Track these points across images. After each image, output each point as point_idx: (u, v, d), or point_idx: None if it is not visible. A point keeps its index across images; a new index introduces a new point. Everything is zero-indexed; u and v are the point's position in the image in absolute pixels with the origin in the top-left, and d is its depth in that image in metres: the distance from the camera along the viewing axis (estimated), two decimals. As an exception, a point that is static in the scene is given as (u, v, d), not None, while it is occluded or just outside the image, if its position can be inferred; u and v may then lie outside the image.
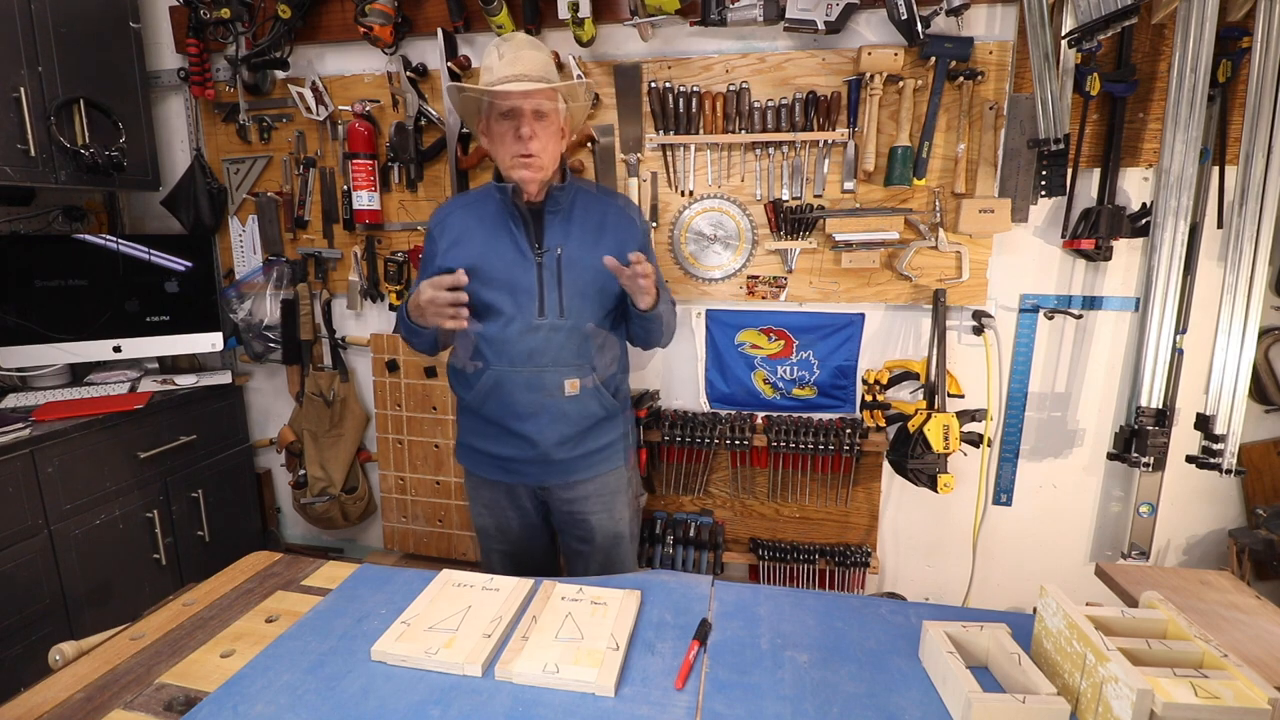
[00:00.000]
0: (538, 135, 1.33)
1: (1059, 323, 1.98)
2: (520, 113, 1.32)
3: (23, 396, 2.02)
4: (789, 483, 2.12)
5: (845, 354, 2.08)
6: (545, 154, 1.35)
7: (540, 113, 1.33)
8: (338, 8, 2.08)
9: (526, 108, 1.32)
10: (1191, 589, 1.16)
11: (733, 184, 2.02)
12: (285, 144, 2.25)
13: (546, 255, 1.40)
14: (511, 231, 1.41)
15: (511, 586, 1.12)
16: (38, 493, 1.75)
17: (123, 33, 2.11)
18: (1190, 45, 1.62)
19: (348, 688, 0.90)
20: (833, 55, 1.88)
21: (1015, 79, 1.83)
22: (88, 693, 0.90)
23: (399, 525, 2.39)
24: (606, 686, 0.88)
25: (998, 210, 1.84)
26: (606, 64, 1.99)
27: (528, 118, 1.32)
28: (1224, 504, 2.02)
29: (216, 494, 2.31)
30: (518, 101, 1.31)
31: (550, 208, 1.42)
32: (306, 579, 1.20)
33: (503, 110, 1.33)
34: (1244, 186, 1.64)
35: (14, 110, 1.79)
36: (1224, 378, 1.73)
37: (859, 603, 1.10)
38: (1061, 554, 2.14)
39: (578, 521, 1.56)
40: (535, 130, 1.32)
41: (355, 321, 2.38)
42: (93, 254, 2.14)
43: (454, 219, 1.46)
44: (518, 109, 1.32)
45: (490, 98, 1.33)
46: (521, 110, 1.32)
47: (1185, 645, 0.82)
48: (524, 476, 1.52)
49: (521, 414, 1.44)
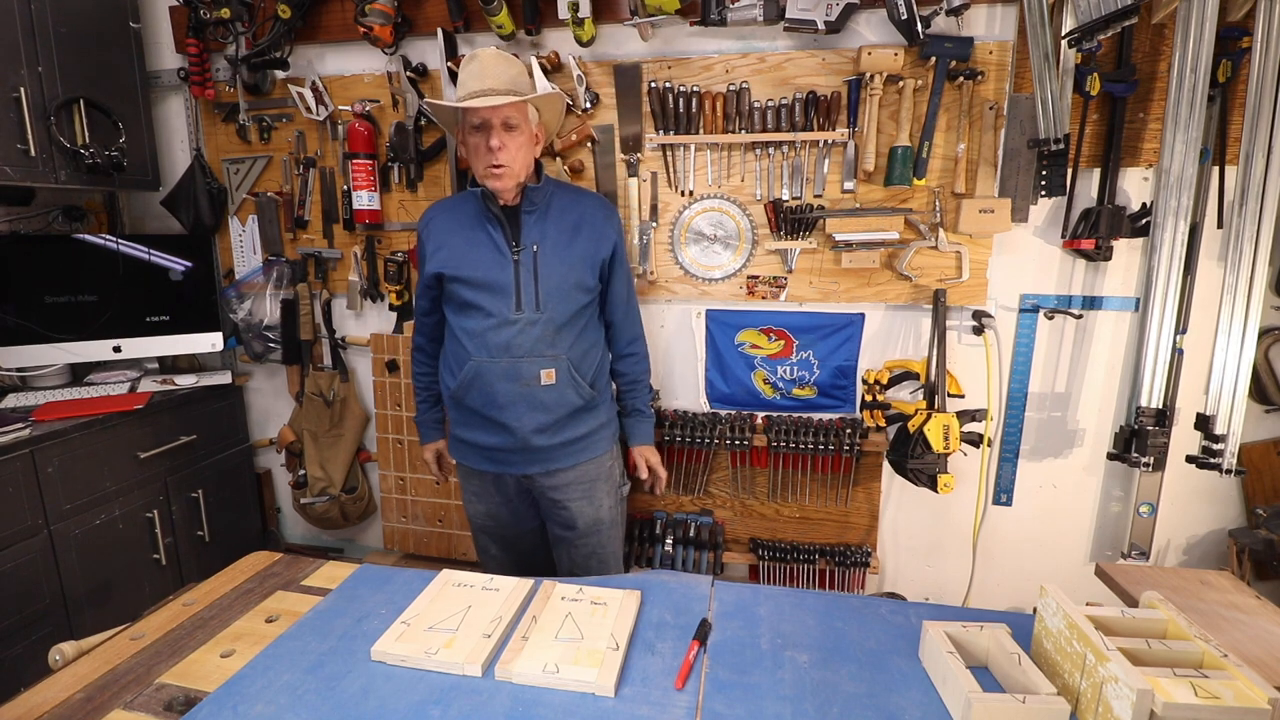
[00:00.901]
0: (507, 146, 1.42)
1: (1059, 323, 1.98)
2: (490, 125, 1.41)
3: (23, 396, 2.02)
4: (789, 483, 2.12)
5: (845, 354, 2.08)
6: (515, 163, 1.44)
7: (509, 124, 1.42)
8: (338, 8, 2.08)
9: (495, 120, 1.41)
10: (1191, 589, 1.16)
11: (733, 184, 2.02)
12: (285, 144, 2.25)
13: (523, 253, 1.50)
14: (490, 232, 1.51)
15: (511, 587, 1.12)
16: (38, 493, 1.75)
17: (123, 33, 2.11)
18: (1190, 45, 1.62)
19: (348, 688, 0.90)
20: (833, 55, 1.88)
21: (1015, 79, 1.83)
22: (88, 693, 0.90)
23: (399, 525, 2.39)
24: (606, 686, 0.88)
25: (998, 210, 1.84)
26: (606, 64, 1.98)
27: (497, 130, 1.41)
28: (1224, 504, 2.02)
29: (216, 494, 2.31)
30: (486, 115, 1.40)
31: (526, 208, 1.51)
32: (306, 579, 1.21)
33: (474, 123, 1.43)
34: (1244, 186, 1.64)
35: (14, 110, 1.79)
36: (1224, 378, 1.72)
37: (859, 603, 1.11)
38: (1061, 554, 2.14)
39: (560, 509, 1.64)
40: (504, 141, 1.41)
41: (355, 321, 2.38)
42: (92, 254, 2.14)
43: (437, 223, 1.57)
44: (487, 122, 1.41)
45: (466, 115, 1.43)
46: (491, 123, 1.41)
47: (1185, 645, 0.82)
48: (508, 466, 1.60)
49: (501, 403, 1.52)
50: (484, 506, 1.69)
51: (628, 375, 1.75)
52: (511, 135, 1.42)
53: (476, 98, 1.40)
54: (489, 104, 1.38)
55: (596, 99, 2.00)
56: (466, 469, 1.68)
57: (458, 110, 1.45)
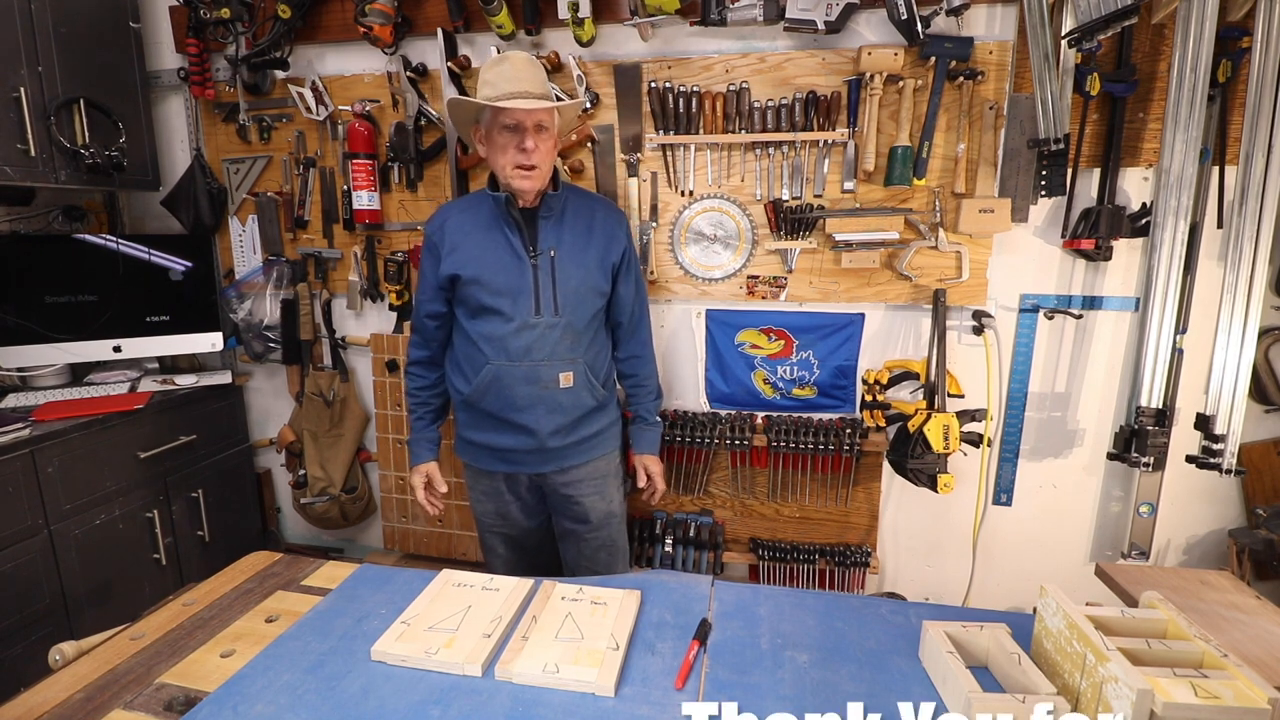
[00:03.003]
0: (540, 148, 1.44)
1: (1059, 323, 1.98)
2: (524, 127, 1.43)
3: (23, 396, 2.02)
4: (789, 483, 2.12)
5: (845, 354, 2.08)
6: (545, 165, 1.47)
7: (541, 127, 1.45)
8: (338, 8, 2.08)
9: (529, 123, 1.43)
10: (1191, 589, 1.16)
11: (733, 184, 2.02)
12: (285, 144, 2.25)
13: (541, 257, 1.51)
14: (507, 235, 1.52)
15: (511, 586, 1.12)
16: (38, 493, 1.75)
17: (123, 33, 2.11)
18: (1190, 45, 1.62)
19: (348, 688, 0.90)
20: (833, 55, 1.88)
21: (1015, 79, 1.83)
22: (88, 693, 0.90)
23: (399, 525, 2.38)
24: (606, 686, 0.88)
25: (998, 210, 1.84)
26: (606, 64, 1.98)
27: (530, 132, 1.43)
28: (1224, 504, 2.01)
29: (216, 494, 2.31)
30: (521, 117, 1.42)
31: (544, 213, 1.52)
32: (306, 579, 1.21)
33: (506, 124, 1.44)
34: (1244, 186, 1.64)
35: (14, 110, 1.79)
36: (1224, 378, 1.72)
37: (859, 603, 1.11)
38: (1061, 554, 2.14)
39: (573, 504, 1.66)
40: (538, 143, 1.43)
41: (355, 321, 2.38)
42: (92, 254, 2.14)
43: (452, 224, 1.56)
44: (521, 124, 1.43)
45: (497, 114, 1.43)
46: (524, 125, 1.42)
47: (1185, 645, 0.82)
48: (522, 466, 1.61)
49: (520, 406, 1.53)
50: (493, 506, 1.70)
51: (635, 376, 1.76)
52: (542, 137, 1.44)
53: (512, 99, 1.41)
54: (531, 106, 1.40)
55: (596, 99, 2.00)
56: (475, 470, 1.68)
57: (483, 109, 1.45)
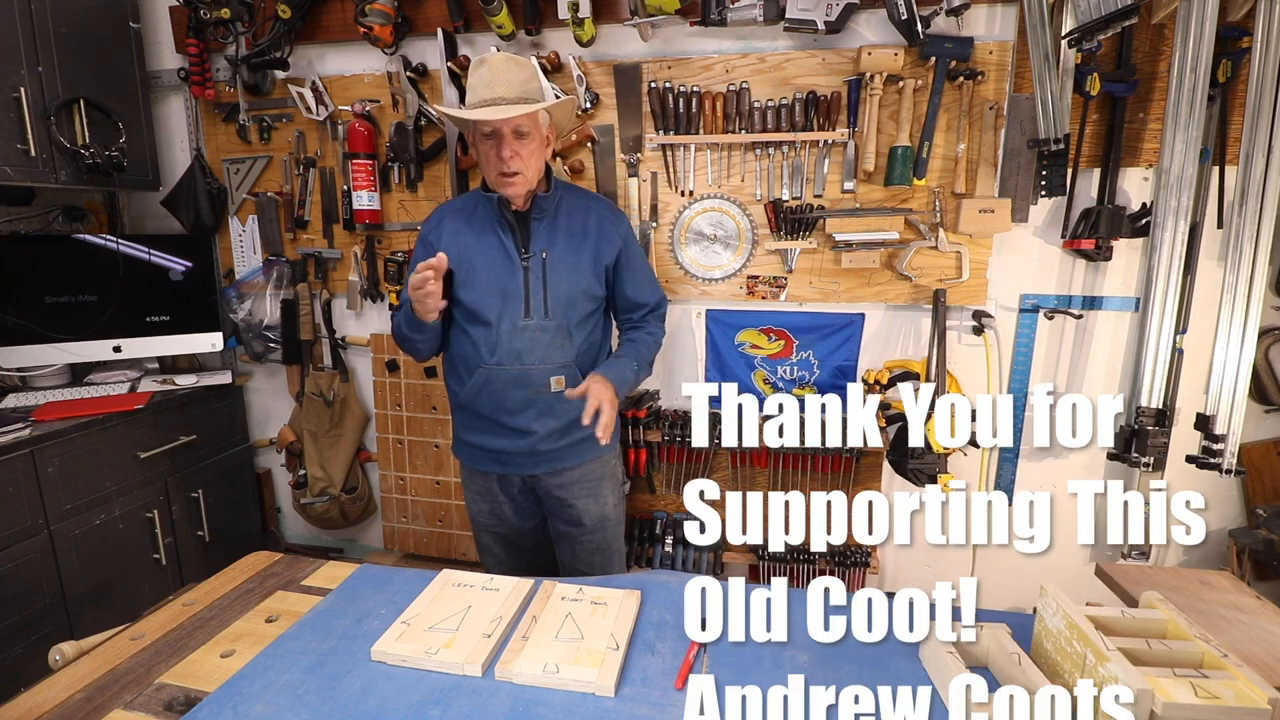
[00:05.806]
0: (519, 154, 1.40)
1: (1059, 323, 1.98)
2: (500, 134, 1.39)
3: (23, 396, 2.02)
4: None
5: (845, 354, 2.08)
6: (528, 169, 1.43)
7: (520, 132, 1.40)
8: (338, 8, 2.08)
9: (506, 129, 1.39)
10: (1191, 589, 1.16)
11: (733, 184, 2.01)
12: (285, 144, 2.25)
13: (532, 259, 1.49)
14: (499, 237, 1.50)
15: (511, 586, 1.12)
16: (38, 493, 1.75)
17: (123, 33, 2.11)
18: (1190, 45, 1.62)
19: (348, 688, 0.90)
20: (833, 55, 1.87)
21: (1015, 79, 1.83)
22: (88, 693, 0.90)
23: (399, 525, 2.39)
24: (606, 686, 0.88)
25: (998, 210, 1.84)
26: (606, 64, 1.98)
27: (508, 139, 1.39)
28: (1224, 504, 2.01)
29: (216, 494, 2.31)
30: (498, 125, 1.38)
31: (535, 214, 1.50)
32: (306, 579, 1.21)
33: (484, 132, 1.41)
34: (1244, 186, 1.64)
35: (14, 110, 1.79)
36: (1224, 378, 1.72)
37: (859, 603, 1.10)
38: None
39: (566, 506, 1.64)
40: (516, 149, 1.40)
41: (355, 321, 2.38)
42: (92, 254, 2.14)
43: (446, 225, 1.54)
44: (498, 130, 1.39)
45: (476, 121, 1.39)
46: (502, 132, 1.39)
47: (1185, 645, 0.82)
48: (515, 467, 1.60)
49: (511, 409, 1.52)
50: (488, 506, 1.69)
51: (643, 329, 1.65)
52: (523, 143, 1.40)
53: (486, 106, 1.38)
54: (500, 115, 1.35)
55: (596, 99, 2.00)
56: (470, 469, 1.68)
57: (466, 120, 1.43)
